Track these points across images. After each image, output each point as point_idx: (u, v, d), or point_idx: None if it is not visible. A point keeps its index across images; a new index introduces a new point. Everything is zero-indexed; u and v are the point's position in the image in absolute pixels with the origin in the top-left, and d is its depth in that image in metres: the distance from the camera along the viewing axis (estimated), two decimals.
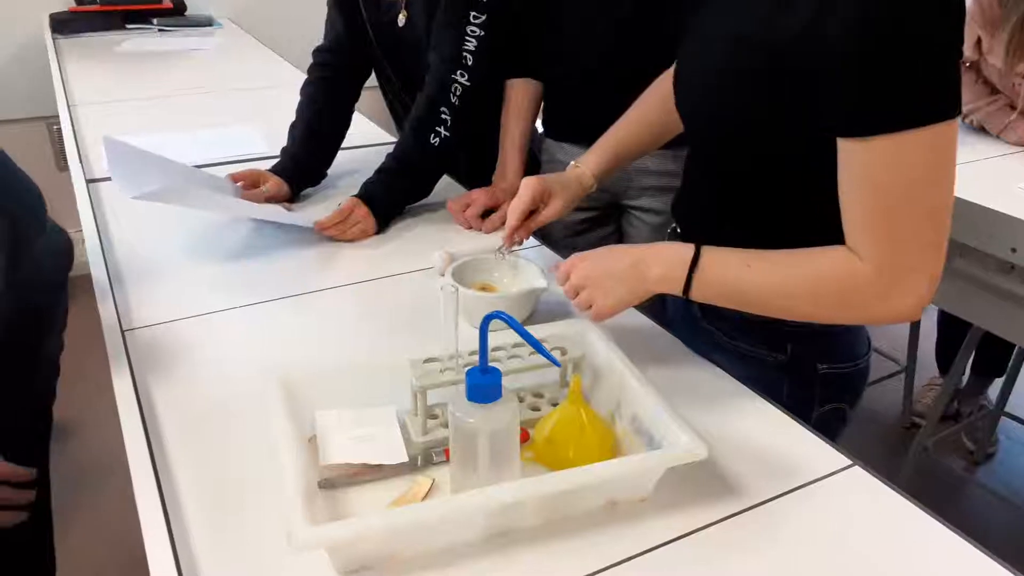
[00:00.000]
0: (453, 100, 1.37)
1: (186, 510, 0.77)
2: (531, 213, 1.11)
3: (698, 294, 0.89)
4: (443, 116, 1.38)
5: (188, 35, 2.87)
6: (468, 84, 1.37)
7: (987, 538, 0.75)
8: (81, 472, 2.17)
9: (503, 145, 1.49)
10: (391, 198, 1.39)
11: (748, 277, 0.86)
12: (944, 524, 0.76)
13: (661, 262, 0.90)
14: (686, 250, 0.89)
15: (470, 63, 1.37)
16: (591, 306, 0.93)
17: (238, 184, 1.40)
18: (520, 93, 1.49)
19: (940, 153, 0.75)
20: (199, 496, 0.79)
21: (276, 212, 1.34)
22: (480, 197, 1.39)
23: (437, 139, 1.38)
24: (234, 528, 0.75)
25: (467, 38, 1.36)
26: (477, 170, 1.52)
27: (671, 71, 1.14)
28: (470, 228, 1.38)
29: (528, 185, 1.09)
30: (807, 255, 0.84)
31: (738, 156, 0.92)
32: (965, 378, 2.44)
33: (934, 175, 0.75)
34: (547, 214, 1.11)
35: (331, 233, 1.31)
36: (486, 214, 1.39)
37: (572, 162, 1.16)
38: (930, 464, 2.16)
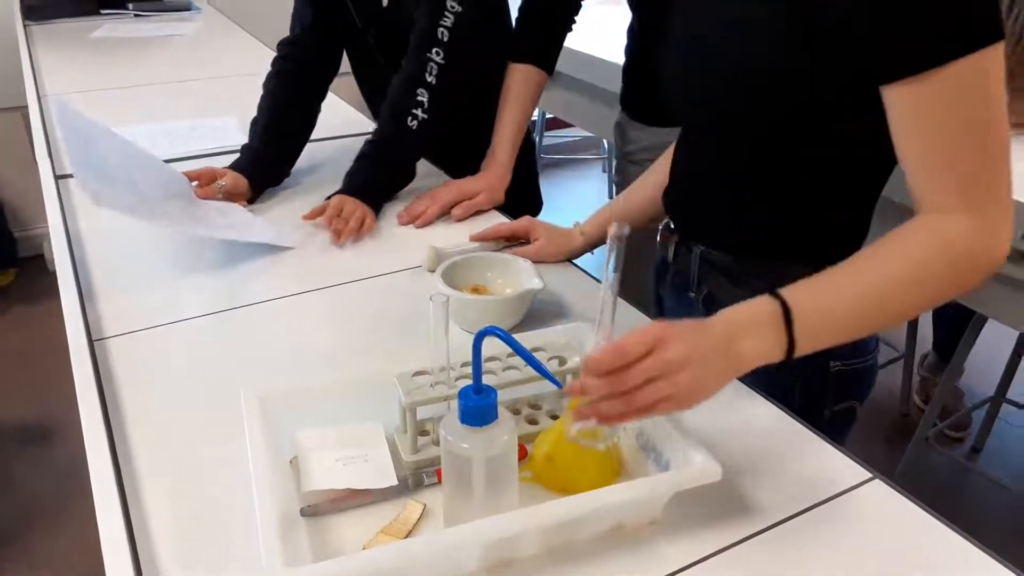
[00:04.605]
0: (429, 80, 1.31)
1: (156, 543, 0.71)
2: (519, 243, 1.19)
3: (805, 347, 0.73)
4: (419, 98, 1.31)
5: (165, 20, 2.78)
6: (443, 63, 1.30)
7: (992, 529, 0.71)
8: (69, 474, 2.12)
9: (494, 133, 1.42)
10: (378, 185, 1.34)
11: (851, 298, 0.74)
12: (973, 543, 0.71)
13: (747, 331, 0.72)
14: (766, 306, 0.73)
15: (445, 39, 1.30)
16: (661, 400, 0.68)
17: (193, 182, 1.31)
18: (519, 79, 1.41)
19: (995, 76, 0.70)
20: (169, 525, 0.73)
21: (254, 230, 1.24)
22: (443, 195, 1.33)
23: (415, 121, 1.32)
24: (207, 559, 0.69)
25: (446, 13, 1.30)
26: (456, 158, 1.45)
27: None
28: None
29: (522, 219, 1.20)
30: (894, 244, 0.75)
31: (751, 124, 0.85)
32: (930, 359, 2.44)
33: (994, 99, 0.71)
34: (527, 248, 1.17)
35: (333, 227, 1.24)
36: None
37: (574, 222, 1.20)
38: (931, 454, 2.12)
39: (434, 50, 1.30)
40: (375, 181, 1.34)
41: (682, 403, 0.68)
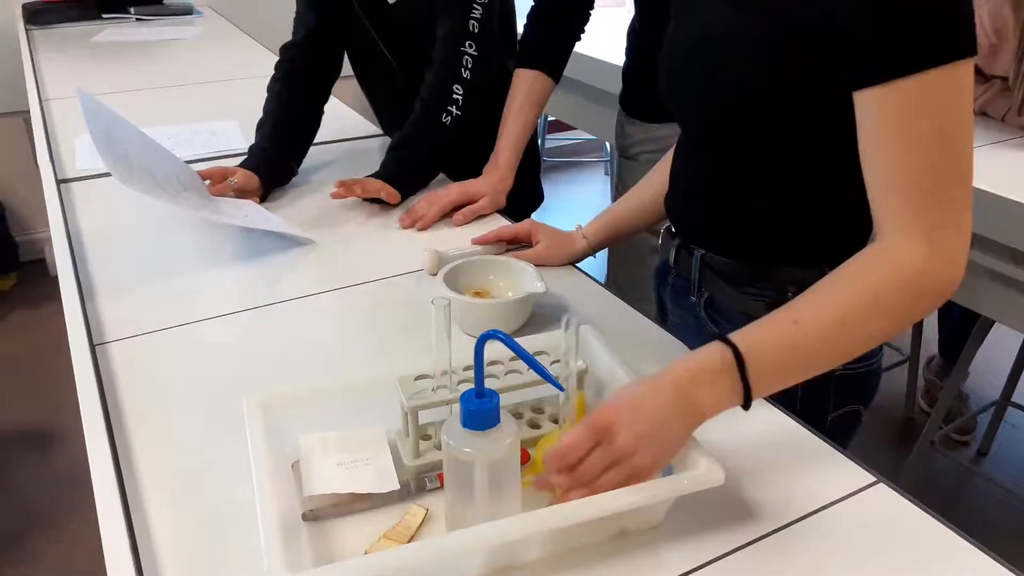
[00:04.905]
0: (465, 75, 1.33)
1: (158, 548, 0.70)
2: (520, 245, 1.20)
3: (761, 391, 0.73)
4: (455, 95, 1.33)
5: (167, 24, 2.79)
6: (477, 54, 1.32)
7: (997, 533, 0.70)
8: (72, 478, 2.12)
9: (498, 137, 1.41)
10: (406, 174, 1.37)
11: (803, 335, 0.73)
12: (978, 547, 0.71)
13: (701, 382, 0.71)
14: (717, 352, 0.72)
15: (476, 31, 1.32)
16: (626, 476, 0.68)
17: (206, 181, 1.32)
18: (526, 84, 1.39)
19: (965, 93, 0.71)
20: (171, 530, 0.72)
21: (271, 223, 1.25)
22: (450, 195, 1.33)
23: (448, 118, 1.34)
24: (209, 564, 0.69)
25: (474, 5, 1.32)
26: (458, 160, 1.45)
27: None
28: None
29: (524, 222, 1.20)
30: (848, 277, 0.75)
31: (750, 126, 0.86)
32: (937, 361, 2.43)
33: (963, 116, 0.71)
34: (528, 252, 1.16)
35: (354, 189, 1.29)
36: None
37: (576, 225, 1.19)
38: (936, 457, 2.11)
39: (467, 43, 1.32)
40: (402, 170, 1.37)
41: (644, 477, 0.68)
